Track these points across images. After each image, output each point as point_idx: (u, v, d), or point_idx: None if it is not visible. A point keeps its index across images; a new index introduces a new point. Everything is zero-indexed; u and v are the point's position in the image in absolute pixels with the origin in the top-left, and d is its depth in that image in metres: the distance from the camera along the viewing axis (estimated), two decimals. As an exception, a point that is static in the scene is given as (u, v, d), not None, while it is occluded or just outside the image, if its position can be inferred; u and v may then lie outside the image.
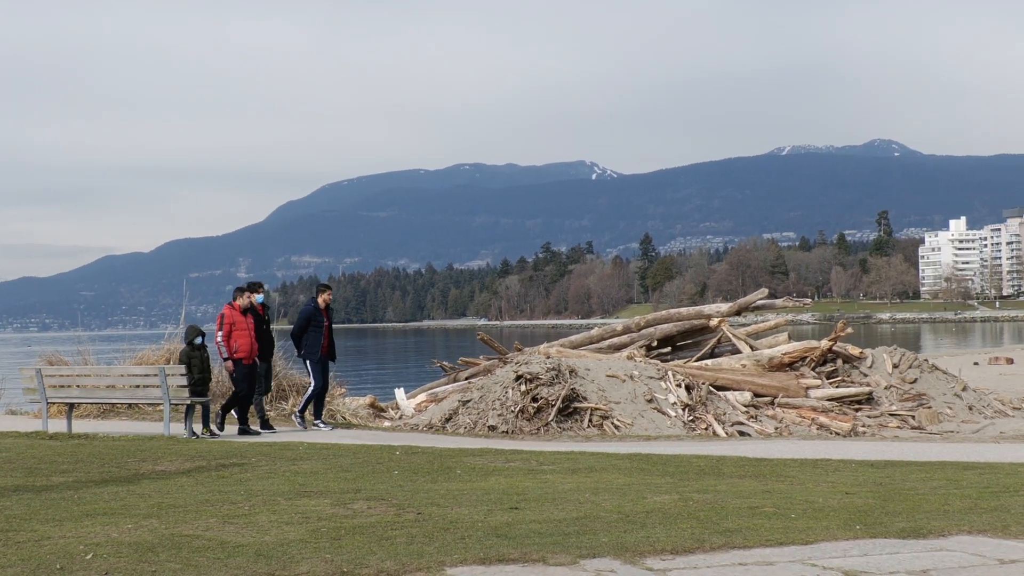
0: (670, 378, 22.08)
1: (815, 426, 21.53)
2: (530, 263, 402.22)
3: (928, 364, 25.82)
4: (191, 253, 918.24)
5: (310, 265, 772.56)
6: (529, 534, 8.90)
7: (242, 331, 20.05)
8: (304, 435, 19.49)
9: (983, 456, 15.65)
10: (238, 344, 19.98)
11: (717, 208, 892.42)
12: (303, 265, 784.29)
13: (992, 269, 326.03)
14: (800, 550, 8.32)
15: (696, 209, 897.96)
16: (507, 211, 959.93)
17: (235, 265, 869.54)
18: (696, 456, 15.57)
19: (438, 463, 14.53)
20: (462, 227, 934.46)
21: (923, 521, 9.43)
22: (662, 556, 8.10)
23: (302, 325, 21.04)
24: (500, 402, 21.13)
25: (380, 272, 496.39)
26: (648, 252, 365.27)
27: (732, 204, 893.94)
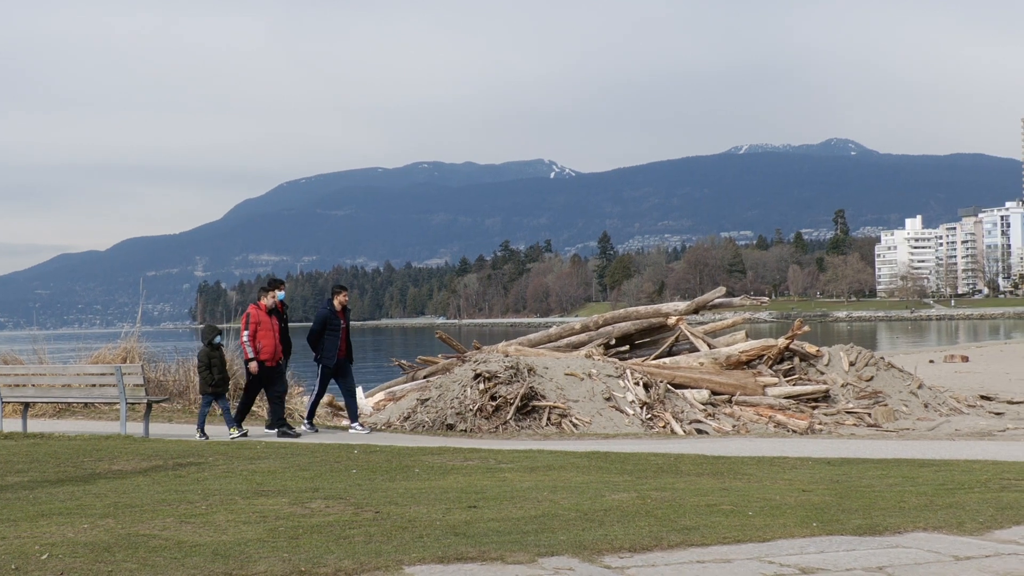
0: (628, 376, 22.12)
1: (772, 424, 21.61)
2: (488, 262, 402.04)
3: (884, 362, 25.96)
4: (148, 251, 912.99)
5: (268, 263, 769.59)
6: (487, 532, 8.90)
7: (267, 331, 19.57)
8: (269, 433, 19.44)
9: (938, 453, 15.75)
10: (261, 344, 19.45)
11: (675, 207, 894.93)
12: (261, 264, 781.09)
13: (947, 268, 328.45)
14: (757, 548, 8.35)
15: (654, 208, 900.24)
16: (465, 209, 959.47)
17: (192, 263, 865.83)
18: (654, 454, 15.61)
19: (396, 462, 14.50)
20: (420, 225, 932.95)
21: (879, 518, 9.48)
22: (620, 554, 8.11)
23: (318, 329, 20.41)
24: (459, 400, 21.12)
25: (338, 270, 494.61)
26: (606, 251, 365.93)
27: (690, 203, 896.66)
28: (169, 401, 23.11)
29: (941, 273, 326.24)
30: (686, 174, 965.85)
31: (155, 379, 23.71)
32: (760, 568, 7.72)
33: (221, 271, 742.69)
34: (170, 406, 23.27)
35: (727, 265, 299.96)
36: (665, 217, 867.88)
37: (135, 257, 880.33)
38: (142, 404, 19.52)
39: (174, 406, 23.39)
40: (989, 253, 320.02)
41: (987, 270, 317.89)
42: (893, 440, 18.89)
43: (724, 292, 27.91)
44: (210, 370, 19.31)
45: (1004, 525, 9.19)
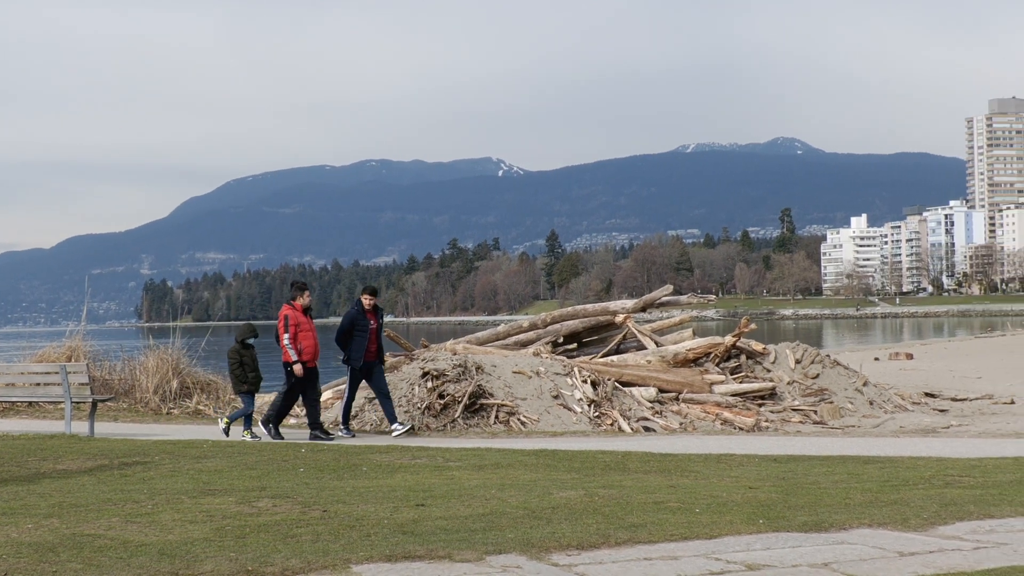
0: (576, 374, 22.16)
1: (719, 421, 21.70)
2: (437, 260, 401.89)
3: (830, 360, 26.11)
4: (93, 249, 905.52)
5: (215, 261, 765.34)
6: (435, 531, 8.91)
7: (306, 332, 19.15)
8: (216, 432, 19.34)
9: (883, 450, 15.87)
10: (302, 346, 19.02)
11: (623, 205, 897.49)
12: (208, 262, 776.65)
13: (892, 266, 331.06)
14: (704, 544, 8.39)
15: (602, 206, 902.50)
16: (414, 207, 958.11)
17: (138, 261, 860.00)
18: (602, 452, 15.65)
19: (344, 460, 14.48)
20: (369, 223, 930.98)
21: (825, 515, 9.55)
22: (568, 551, 8.13)
23: (345, 328, 19.96)
24: (407, 399, 21.09)
25: (286, 268, 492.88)
26: (554, 249, 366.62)
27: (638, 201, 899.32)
28: (115, 400, 22.95)
29: (886, 271, 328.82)
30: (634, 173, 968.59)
31: (100, 378, 23.55)
32: (707, 565, 7.76)
33: (167, 269, 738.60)
34: (116, 405, 23.12)
35: (674, 263, 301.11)
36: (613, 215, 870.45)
37: (80, 255, 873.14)
38: (87, 403, 19.35)
39: (120, 405, 23.24)
40: (933, 251, 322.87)
41: (931, 268, 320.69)
42: (839, 437, 19.02)
43: (671, 290, 27.98)
44: (242, 367, 18.97)
45: (948, 521, 9.28)
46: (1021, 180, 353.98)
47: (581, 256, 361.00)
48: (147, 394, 23.29)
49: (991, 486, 11.54)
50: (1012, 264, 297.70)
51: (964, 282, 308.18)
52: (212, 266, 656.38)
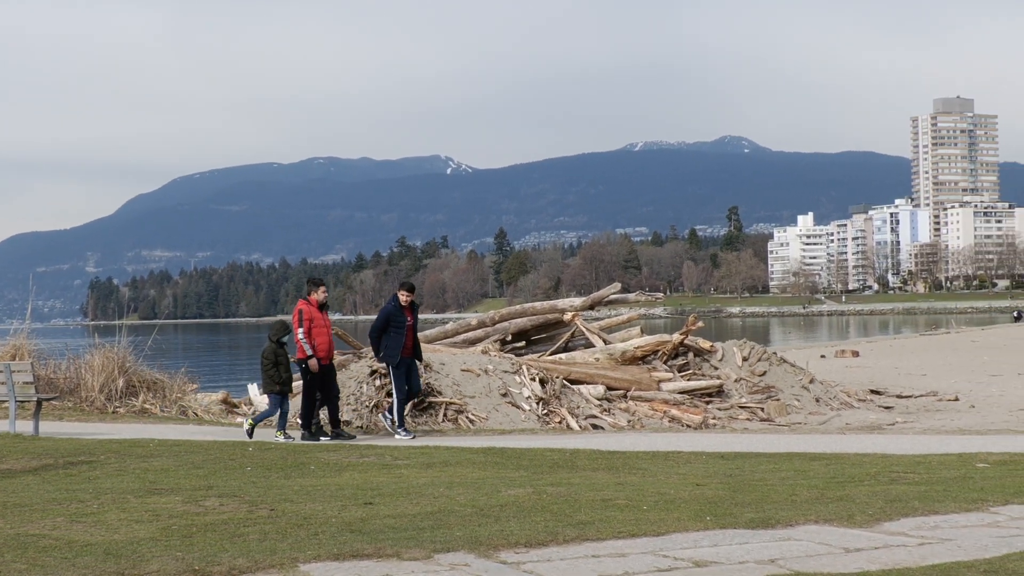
0: (524, 372, 22.18)
1: (667, 419, 21.77)
2: (385, 257, 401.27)
3: (777, 357, 26.27)
4: (38, 247, 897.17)
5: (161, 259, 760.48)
6: (383, 529, 8.89)
7: (320, 328, 18.86)
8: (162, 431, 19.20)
9: (829, 447, 15.96)
10: (316, 341, 18.71)
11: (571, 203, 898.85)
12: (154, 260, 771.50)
13: (838, 264, 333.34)
14: (652, 541, 8.41)
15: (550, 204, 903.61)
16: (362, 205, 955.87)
17: (83, 260, 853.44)
18: (550, 449, 15.66)
19: (291, 459, 14.43)
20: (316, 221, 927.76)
21: (772, 511, 9.59)
22: (516, 549, 8.14)
23: (380, 325, 19.42)
24: (355, 397, 21.04)
25: (233, 266, 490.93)
26: (503, 247, 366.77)
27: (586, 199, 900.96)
28: (60, 399, 22.75)
29: (832, 269, 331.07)
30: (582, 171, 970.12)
31: (45, 376, 23.33)
32: (654, 562, 7.78)
33: (113, 267, 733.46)
34: (61, 404, 22.92)
35: (622, 261, 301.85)
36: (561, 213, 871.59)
37: (25, 253, 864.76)
38: (32, 402, 19.17)
39: (65, 404, 23.04)
40: (879, 250, 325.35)
41: (877, 266, 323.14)
42: (785, 434, 19.12)
43: (619, 288, 28.05)
44: (277, 368, 18.56)
45: (893, 517, 9.35)
46: (965, 179, 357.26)
47: (529, 254, 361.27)
48: (93, 393, 23.10)
49: (936, 482, 11.64)
50: (956, 262, 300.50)
51: (909, 280, 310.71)
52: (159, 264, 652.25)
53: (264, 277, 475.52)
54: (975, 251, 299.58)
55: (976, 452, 14.51)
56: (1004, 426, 20.40)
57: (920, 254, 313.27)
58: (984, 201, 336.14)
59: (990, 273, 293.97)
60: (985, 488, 11.00)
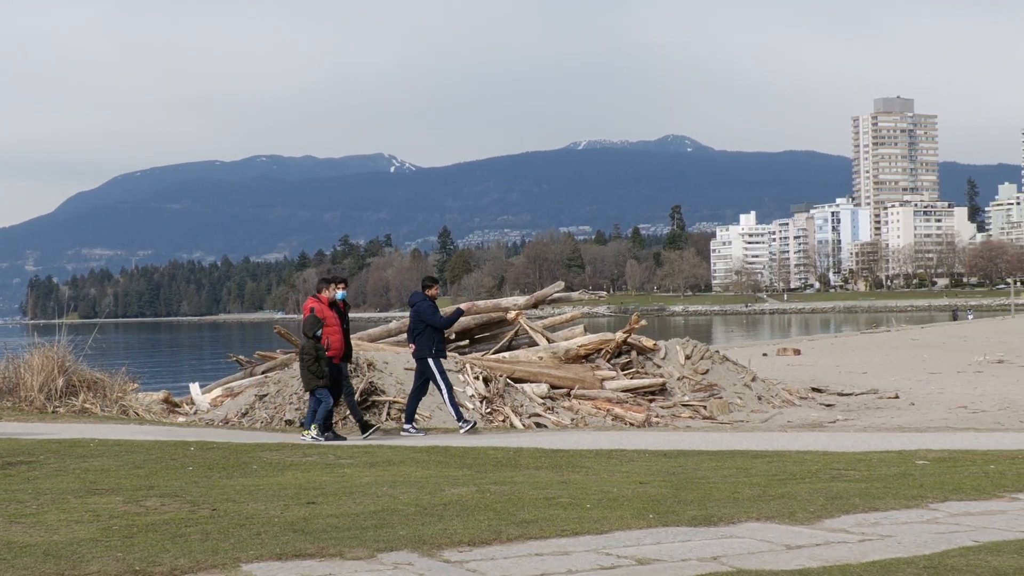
0: (468, 371, 22.17)
1: (610, 417, 21.82)
2: (328, 256, 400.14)
3: (719, 355, 26.39)
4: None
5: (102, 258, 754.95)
6: (326, 528, 8.86)
7: (332, 327, 18.51)
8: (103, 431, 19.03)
9: (771, 445, 16.04)
10: (329, 341, 18.37)
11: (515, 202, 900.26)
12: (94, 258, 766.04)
13: (780, 263, 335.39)
14: (595, 539, 8.43)
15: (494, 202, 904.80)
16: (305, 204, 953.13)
17: (22, 258, 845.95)
18: (493, 448, 15.65)
19: (234, 458, 14.34)
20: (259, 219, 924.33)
21: (714, 509, 9.63)
22: (459, 548, 8.13)
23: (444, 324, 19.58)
24: (297, 396, 20.97)
25: (174, 265, 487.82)
26: (446, 245, 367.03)
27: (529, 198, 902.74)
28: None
29: (774, 268, 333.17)
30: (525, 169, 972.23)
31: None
32: (597, 560, 7.79)
33: (53, 266, 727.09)
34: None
35: (566, 260, 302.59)
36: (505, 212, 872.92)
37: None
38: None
39: (3, 404, 22.80)
40: (820, 248, 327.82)
41: (818, 265, 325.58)
42: (727, 432, 19.20)
43: (563, 287, 28.10)
44: (318, 362, 18.07)
45: (834, 514, 9.41)
46: (906, 178, 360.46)
47: (473, 253, 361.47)
48: (32, 392, 22.86)
49: (876, 479, 11.73)
50: (896, 261, 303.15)
51: (850, 279, 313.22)
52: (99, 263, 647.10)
53: (206, 276, 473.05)
54: (915, 250, 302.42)
55: (916, 449, 14.63)
56: (943, 423, 20.59)
57: (861, 253, 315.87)
58: (924, 200, 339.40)
59: (930, 272, 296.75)
60: (925, 485, 11.09)
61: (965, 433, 17.69)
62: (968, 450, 14.60)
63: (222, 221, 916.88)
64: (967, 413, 22.82)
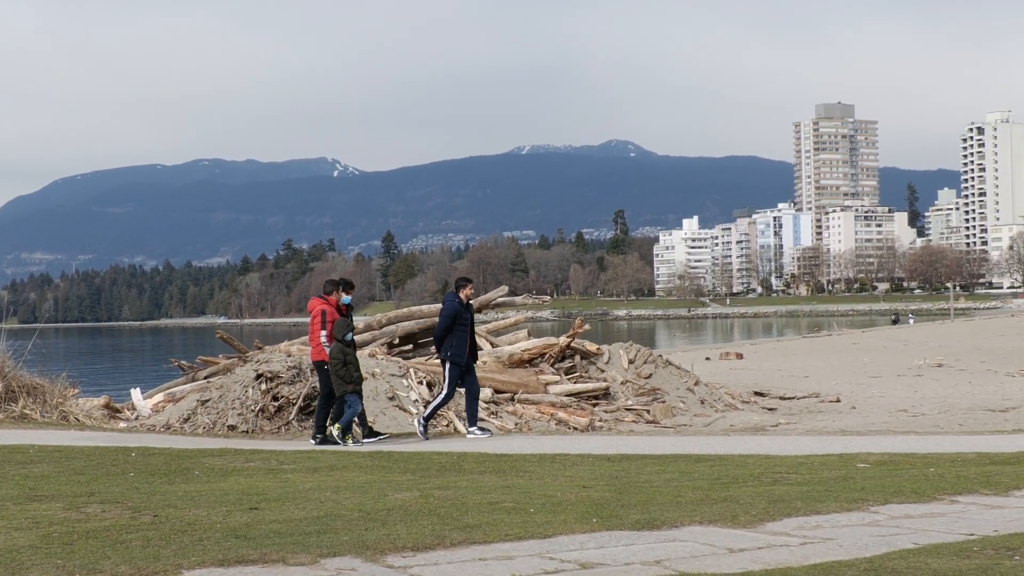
0: (412, 375, 22.14)
1: (554, 421, 21.84)
2: (271, 260, 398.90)
3: (662, 360, 26.47)
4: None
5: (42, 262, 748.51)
6: (269, 534, 8.82)
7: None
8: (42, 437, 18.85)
9: (714, 448, 16.10)
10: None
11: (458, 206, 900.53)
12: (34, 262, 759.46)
13: (723, 267, 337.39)
14: (539, 544, 8.43)
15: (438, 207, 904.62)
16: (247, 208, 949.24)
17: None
18: (437, 453, 15.64)
19: (176, 464, 14.25)
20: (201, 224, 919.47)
21: (657, 513, 9.66)
22: (403, 553, 8.11)
23: (447, 324, 18.86)
24: (240, 401, 20.85)
25: (116, 270, 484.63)
26: (390, 250, 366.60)
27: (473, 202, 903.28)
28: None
29: (717, 272, 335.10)
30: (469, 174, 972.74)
31: (-79, 382, 22.81)
32: (541, 564, 7.80)
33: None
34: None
35: (510, 264, 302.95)
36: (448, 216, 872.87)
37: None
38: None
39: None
40: (762, 253, 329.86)
41: (761, 269, 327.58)
42: (671, 436, 19.26)
43: (507, 291, 28.10)
44: (346, 366, 17.90)
45: (776, 517, 9.46)
46: (846, 183, 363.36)
47: (417, 257, 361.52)
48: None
49: (817, 483, 11.80)
50: (838, 265, 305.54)
51: (792, 283, 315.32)
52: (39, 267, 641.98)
53: (147, 280, 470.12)
54: (856, 255, 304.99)
55: (857, 452, 14.73)
56: (884, 427, 20.75)
57: (802, 257, 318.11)
58: (864, 205, 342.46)
59: (870, 276, 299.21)
60: (866, 488, 11.17)
61: (905, 436, 17.83)
62: (908, 453, 14.72)
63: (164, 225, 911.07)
64: (907, 416, 23.01)
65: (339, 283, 19.37)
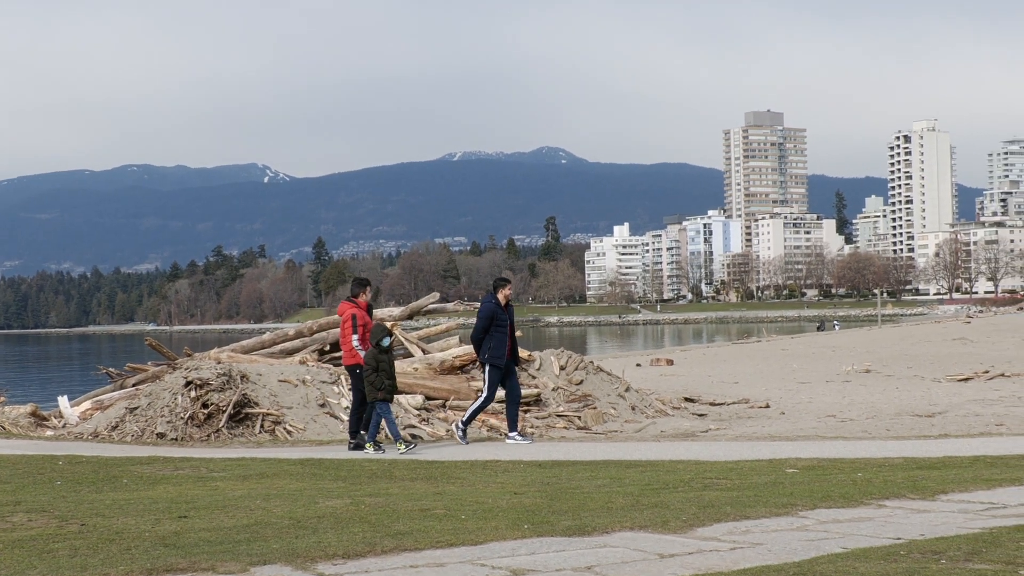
0: (343, 382, 22.07)
1: (486, 428, 21.84)
2: (201, 267, 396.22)
3: (593, 366, 26.53)
4: None
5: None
6: (198, 543, 8.75)
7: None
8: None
9: (644, 454, 16.15)
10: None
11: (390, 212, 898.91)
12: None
13: (653, 274, 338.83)
14: (470, 551, 8.42)
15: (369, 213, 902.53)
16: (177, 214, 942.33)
17: None
18: (368, 460, 15.60)
19: (103, 472, 14.12)
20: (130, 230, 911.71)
21: (588, 519, 9.67)
22: (333, 561, 8.08)
23: (485, 326, 18.67)
24: (169, 409, 20.69)
25: (43, 276, 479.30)
26: (321, 256, 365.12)
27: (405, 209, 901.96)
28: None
29: (648, 279, 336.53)
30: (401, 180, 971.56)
31: None
32: (472, 571, 7.79)
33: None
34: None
35: (441, 271, 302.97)
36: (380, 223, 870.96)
37: None
38: None
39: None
40: (693, 260, 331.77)
41: (691, 276, 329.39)
42: (602, 442, 19.31)
43: (438, 298, 28.10)
44: (378, 373, 17.43)
45: (706, 523, 9.50)
46: (775, 191, 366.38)
47: (348, 263, 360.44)
48: None
49: (747, 488, 11.87)
50: (767, 272, 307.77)
51: (722, 289, 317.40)
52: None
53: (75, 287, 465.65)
54: (785, 261, 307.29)
55: (786, 458, 14.83)
56: (813, 432, 20.89)
57: (732, 264, 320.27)
58: (793, 212, 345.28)
59: (799, 283, 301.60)
60: (794, 493, 11.24)
61: (834, 441, 17.97)
62: (836, 458, 14.84)
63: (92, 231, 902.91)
64: (836, 422, 23.18)
65: (365, 283, 19.04)
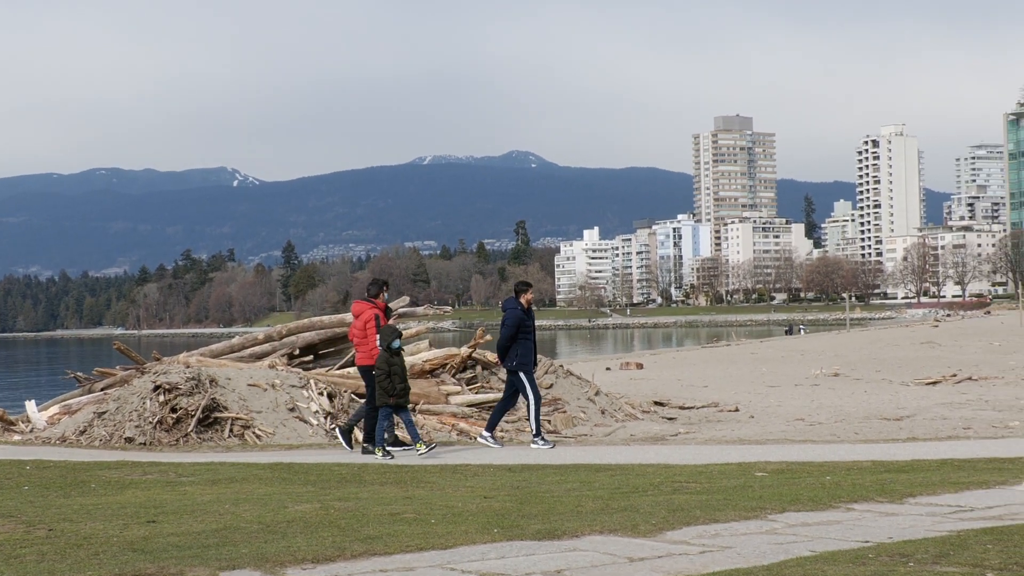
0: (312, 387, 22.02)
1: (456, 432, 21.83)
2: (170, 271, 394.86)
3: (563, 370, 26.54)
4: None
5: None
6: (167, 548, 8.72)
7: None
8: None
9: (614, 458, 16.17)
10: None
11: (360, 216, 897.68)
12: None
13: (623, 278, 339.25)
14: (440, 555, 8.42)
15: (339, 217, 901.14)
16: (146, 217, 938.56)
17: None
18: (338, 464, 15.58)
19: (71, 477, 14.06)
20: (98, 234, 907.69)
21: (558, 523, 9.69)
22: (303, 565, 8.07)
23: (512, 334, 18.25)
24: (138, 413, 20.61)
25: (10, 280, 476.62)
26: (291, 260, 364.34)
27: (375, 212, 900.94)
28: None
29: (617, 283, 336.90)
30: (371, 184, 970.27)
31: None
32: (442, 575, 7.79)
33: None
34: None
35: (411, 275, 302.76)
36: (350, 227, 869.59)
37: None
38: None
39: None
40: (662, 264, 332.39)
41: (660, 280, 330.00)
42: (571, 446, 19.31)
43: (408, 302, 28.04)
44: (390, 378, 17.23)
45: (676, 526, 9.52)
46: (745, 195, 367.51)
47: (318, 267, 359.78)
48: None
49: (716, 491, 11.90)
50: (736, 276, 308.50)
51: (691, 293, 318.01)
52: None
53: (43, 291, 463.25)
54: (754, 265, 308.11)
55: (755, 461, 14.87)
56: (782, 436, 20.94)
57: (702, 268, 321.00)
58: (763, 217, 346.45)
59: (768, 287, 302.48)
60: (764, 496, 11.28)
61: (802, 445, 18.02)
62: (805, 462, 14.89)
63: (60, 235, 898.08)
64: (804, 425, 23.25)
65: (384, 284, 18.84)
